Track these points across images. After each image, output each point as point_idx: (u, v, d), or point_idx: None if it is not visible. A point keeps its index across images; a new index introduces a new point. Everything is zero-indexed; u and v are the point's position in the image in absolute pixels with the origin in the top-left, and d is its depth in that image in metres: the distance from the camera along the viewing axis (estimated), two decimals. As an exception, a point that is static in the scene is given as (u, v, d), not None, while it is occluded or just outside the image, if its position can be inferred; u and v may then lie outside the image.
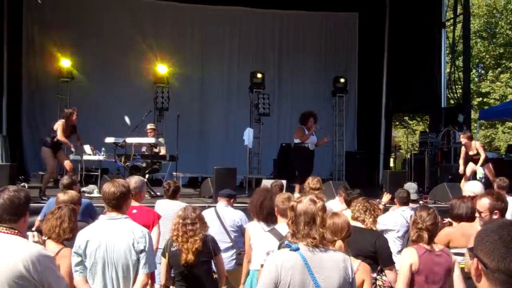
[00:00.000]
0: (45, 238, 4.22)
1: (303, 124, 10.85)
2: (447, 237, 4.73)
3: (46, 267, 2.81)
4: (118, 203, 3.94)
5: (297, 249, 2.93)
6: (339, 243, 3.64)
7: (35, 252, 2.74)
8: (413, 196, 7.46)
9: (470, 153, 11.16)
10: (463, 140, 11.28)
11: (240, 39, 17.33)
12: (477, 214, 4.39)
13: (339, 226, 3.76)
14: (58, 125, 9.44)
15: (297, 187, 9.99)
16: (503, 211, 4.25)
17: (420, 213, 4.27)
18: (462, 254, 4.11)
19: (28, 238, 3.67)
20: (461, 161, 11.45)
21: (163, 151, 11.18)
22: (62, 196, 5.15)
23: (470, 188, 5.73)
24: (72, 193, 5.33)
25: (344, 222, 3.84)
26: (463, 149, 11.44)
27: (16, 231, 2.86)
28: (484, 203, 4.27)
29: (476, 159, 11.18)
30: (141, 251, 3.84)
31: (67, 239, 4.19)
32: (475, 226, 4.81)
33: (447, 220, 5.27)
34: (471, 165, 11.32)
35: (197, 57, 16.88)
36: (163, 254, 4.85)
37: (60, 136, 9.36)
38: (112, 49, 15.54)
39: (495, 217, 4.13)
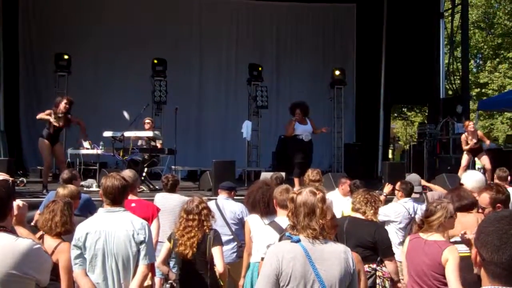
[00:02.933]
0: (43, 233, 4.20)
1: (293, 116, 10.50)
2: None
3: (38, 258, 2.78)
4: (117, 196, 3.93)
5: (298, 241, 2.92)
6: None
7: (25, 247, 2.70)
8: (417, 189, 7.47)
9: (471, 141, 11.09)
10: (470, 126, 11.19)
11: (238, 32, 17.28)
12: (480, 210, 4.31)
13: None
14: (44, 113, 9.35)
15: (296, 181, 9.80)
16: (505, 203, 4.20)
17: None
18: (460, 242, 4.08)
19: None
20: (466, 147, 11.30)
21: (159, 145, 11.16)
22: (62, 191, 5.13)
23: (469, 181, 5.64)
24: (71, 187, 5.31)
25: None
26: (464, 137, 11.32)
27: (4, 228, 2.81)
28: (485, 198, 4.21)
29: (475, 148, 11.17)
30: (141, 242, 3.84)
31: (59, 233, 4.18)
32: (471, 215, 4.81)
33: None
34: (466, 156, 11.31)
35: (195, 50, 16.82)
36: (169, 239, 4.89)
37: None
38: (110, 42, 15.48)
39: (498, 210, 4.08)
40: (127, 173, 5.69)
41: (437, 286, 3.85)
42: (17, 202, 3.36)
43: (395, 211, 6.40)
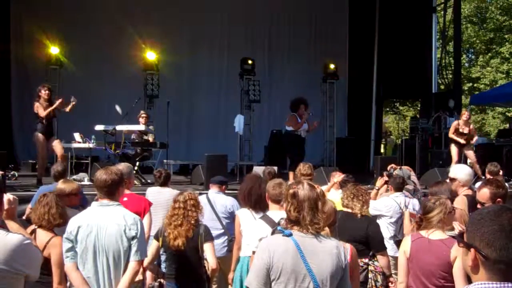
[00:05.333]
0: (35, 227, 4.18)
1: (294, 111, 10.61)
2: None
3: (28, 254, 2.76)
4: (110, 190, 3.90)
5: (290, 235, 2.91)
6: (325, 229, 3.63)
7: (16, 243, 2.66)
8: (409, 182, 7.51)
9: (461, 131, 11.04)
10: (465, 115, 11.19)
11: (230, 25, 17.21)
12: (478, 206, 4.21)
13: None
14: (35, 108, 9.26)
15: (291, 174, 9.82)
16: (505, 197, 4.15)
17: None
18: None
19: None
20: (455, 138, 11.19)
21: (151, 139, 11.12)
22: (62, 185, 5.10)
23: (461, 174, 5.63)
24: (73, 183, 5.29)
25: (330, 208, 3.81)
26: (455, 123, 11.24)
27: None
28: (485, 193, 4.15)
29: (463, 142, 11.11)
30: (133, 238, 3.80)
31: (58, 224, 4.15)
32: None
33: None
34: (456, 148, 11.25)
35: (187, 44, 16.73)
36: (156, 238, 4.82)
37: (41, 114, 9.18)
38: (101, 36, 15.34)
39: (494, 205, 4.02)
40: (122, 166, 5.66)
41: (443, 284, 3.83)
42: (8, 196, 3.33)
43: (386, 206, 6.40)
